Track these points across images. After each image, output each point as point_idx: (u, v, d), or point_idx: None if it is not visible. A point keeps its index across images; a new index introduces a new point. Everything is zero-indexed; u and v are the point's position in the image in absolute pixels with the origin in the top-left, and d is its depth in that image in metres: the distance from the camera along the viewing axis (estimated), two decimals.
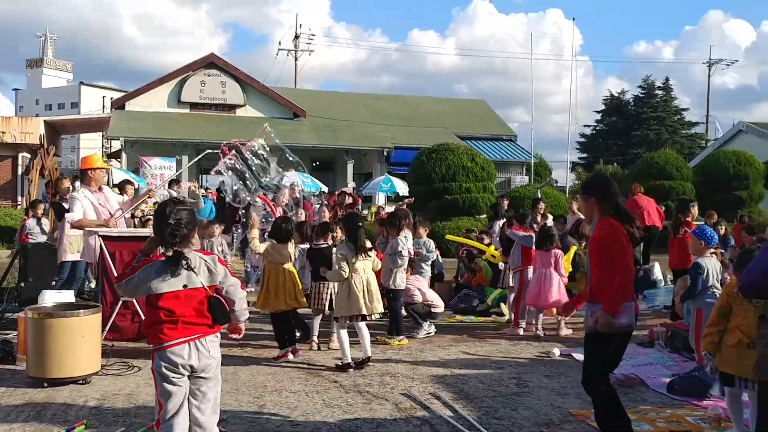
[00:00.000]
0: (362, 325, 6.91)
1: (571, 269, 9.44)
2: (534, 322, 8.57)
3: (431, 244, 9.16)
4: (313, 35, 44.64)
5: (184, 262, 3.76)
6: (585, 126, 50.80)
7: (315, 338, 7.69)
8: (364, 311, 6.79)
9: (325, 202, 15.35)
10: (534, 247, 8.65)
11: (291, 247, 7.49)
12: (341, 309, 6.87)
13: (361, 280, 6.82)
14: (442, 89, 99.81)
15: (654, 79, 49.57)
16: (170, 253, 3.77)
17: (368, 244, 6.97)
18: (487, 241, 11.39)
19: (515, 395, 5.87)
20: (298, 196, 11.83)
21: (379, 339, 7.80)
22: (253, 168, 9.19)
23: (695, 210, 9.82)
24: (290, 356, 7.06)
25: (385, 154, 29.05)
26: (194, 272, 3.79)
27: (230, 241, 13.69)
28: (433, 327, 8.50)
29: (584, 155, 49.77)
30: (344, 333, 6.80)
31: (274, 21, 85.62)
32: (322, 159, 31.03)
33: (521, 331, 8.58)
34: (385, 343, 7.77)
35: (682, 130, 47.80)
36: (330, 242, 8.15)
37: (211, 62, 29.39)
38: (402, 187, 24.34)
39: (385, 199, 27.32)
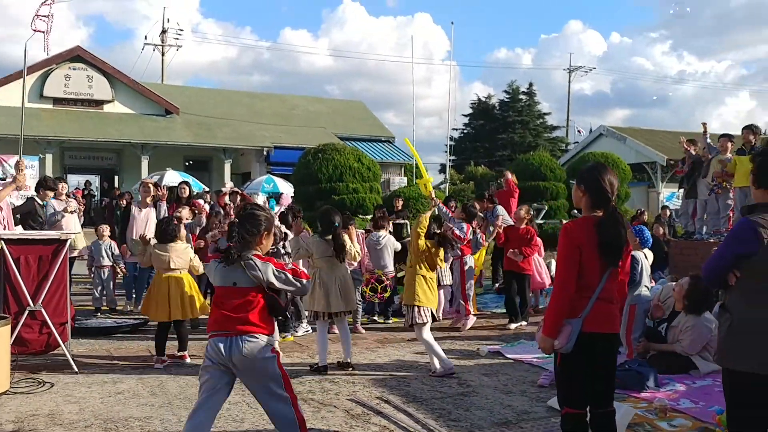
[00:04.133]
0: (344, 325, 6.74)
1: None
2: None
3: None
4: (181, 30, 43.05)
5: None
6: (453, 129, 52.12)
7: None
8: (320, 308, 6.58)
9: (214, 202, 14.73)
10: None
11: (180, 249, 6.96)
12: (309, 304, 6.80)
13: (328, 278, 6.60)
14: (314, 89, 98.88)
15: (518, 84, 51.69)
16: None
17: (348, 246, 6.70)
18: None
19: (462, 396, 5.82)
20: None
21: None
22: None
23: None
24: (157, 365, 6.75)
25: (265, 153, 28.45)
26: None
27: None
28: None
29: (453, 157, 51.05)
30: (322, 333, 6.61)
31: (140, 15, 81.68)
32: (196, 158, 29.90)
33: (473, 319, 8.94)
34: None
35: (545, 133, 50.00)
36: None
37: (76, 55, 27.51)
38: (286, 188, 23.88)
39: (266, 200, 26.75)
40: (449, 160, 34.53)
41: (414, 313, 6.36)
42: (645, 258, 6.59)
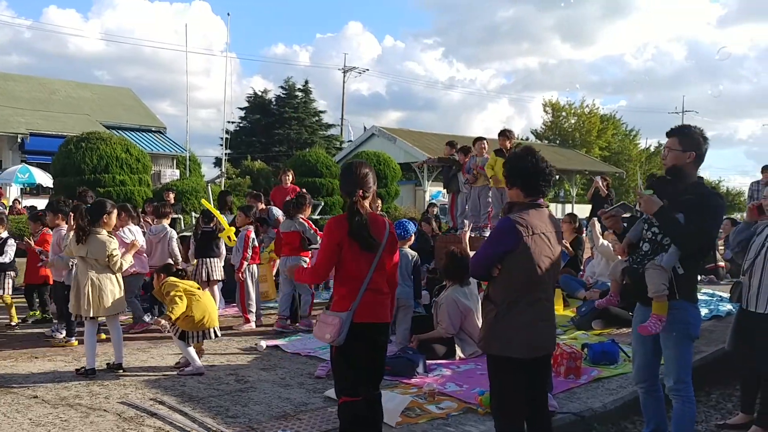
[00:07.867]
0: (115, 325, 6.36)
1: None
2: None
3: None
4: None
5: None
6: (230, 122, 51.20)
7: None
8: (71, 310, 6.28)
9: None
10: None
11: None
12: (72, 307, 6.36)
13: (81, 278, 6.18)
14: (83, 75, 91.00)
15: (295, 81, 51.98)
16: None
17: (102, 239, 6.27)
18: None
19: (240, 392, 5.77)
20: None
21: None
22: None
23: None
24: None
25: (19, 140, 25.96)
26: None
27: None
28: None
29: (229, 151, 50.16)
30: (90, 335, 6.20)
31: None
32: None
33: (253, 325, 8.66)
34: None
35: (320, 131, 50.86)
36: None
37: None
38: (44, 179, 22.02)
39: (20, 192, 24.50)
40: (225, 154, 33.93)
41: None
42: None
